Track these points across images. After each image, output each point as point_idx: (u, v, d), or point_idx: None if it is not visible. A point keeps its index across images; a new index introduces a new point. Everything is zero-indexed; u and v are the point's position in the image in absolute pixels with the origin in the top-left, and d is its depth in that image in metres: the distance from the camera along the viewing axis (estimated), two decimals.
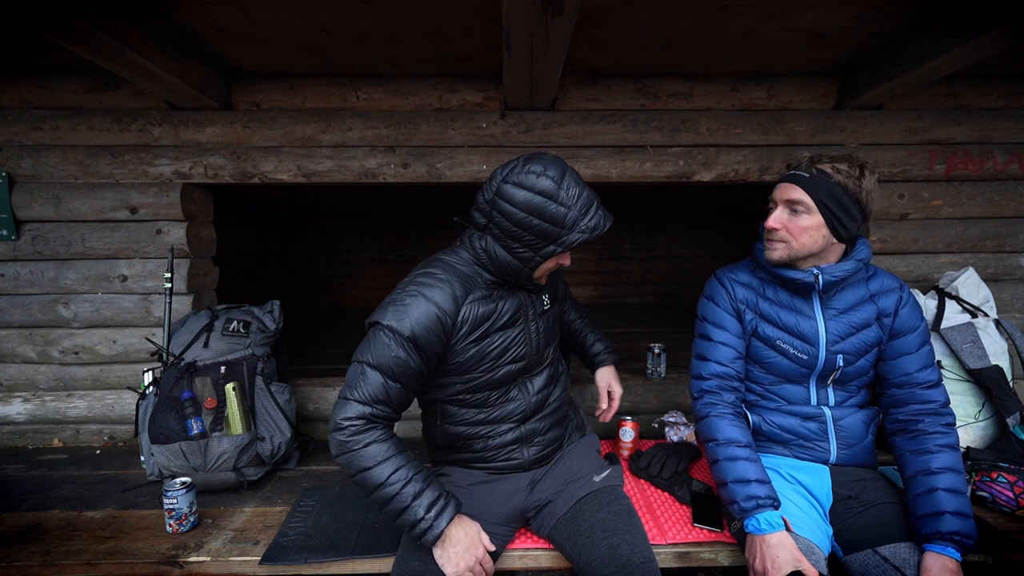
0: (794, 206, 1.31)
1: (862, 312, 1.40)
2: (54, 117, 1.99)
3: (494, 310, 1.29)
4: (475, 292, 1.26)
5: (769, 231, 1.35)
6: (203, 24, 1.58)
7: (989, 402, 1.80)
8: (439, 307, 1.19)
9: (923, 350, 1.39)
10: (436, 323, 1.19)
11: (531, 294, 1.38)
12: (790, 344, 1.41)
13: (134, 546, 1.39)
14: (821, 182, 1.28)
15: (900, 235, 2.12)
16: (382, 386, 1.16)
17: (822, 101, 2.08)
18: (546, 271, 1.30)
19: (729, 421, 1.38)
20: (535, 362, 1.41)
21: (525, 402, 1.40)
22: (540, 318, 1.40)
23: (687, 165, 2.09)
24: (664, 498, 1.63)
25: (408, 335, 1.16)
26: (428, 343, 1.18)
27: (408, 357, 1.17)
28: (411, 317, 1.16)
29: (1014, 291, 2.18)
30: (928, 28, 1.60)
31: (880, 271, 1.46)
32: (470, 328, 1.25)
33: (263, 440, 1.76)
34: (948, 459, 1.28)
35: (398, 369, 1.16)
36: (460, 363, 1.28)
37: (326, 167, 2.04)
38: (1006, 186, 2.11)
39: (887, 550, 1.22)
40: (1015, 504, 1.49)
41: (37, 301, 2.06)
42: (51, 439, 2.15)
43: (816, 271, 1.34)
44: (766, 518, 1.23)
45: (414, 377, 1.20)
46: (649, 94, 2.06)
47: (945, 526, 1.19)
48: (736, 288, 1.49)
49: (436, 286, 1.22)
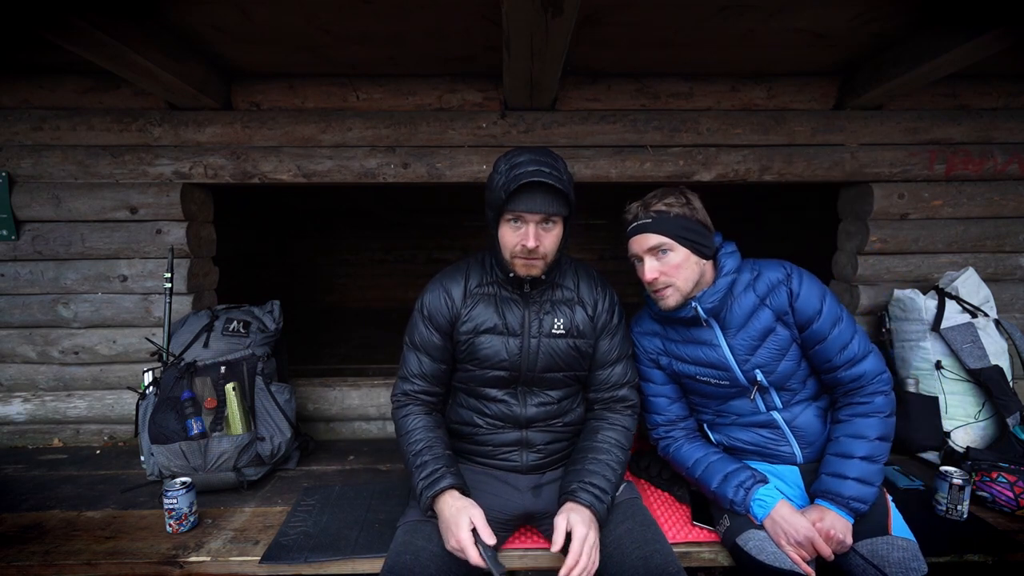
0: (658, 251, 1.32)
1: (759, 320, 1.37)
2: (54, 117, 1.99)
3: (494, 312, 1.37)
4: (485, 285, 1.40)
5: (650, 283, 1.35)
6: (203, 24, 1.58)
7: (989, 402, 1.80)
8: (446, 289, 1.40)
9: (836, 331, 1.33)
10: (442, 304, 1.39)
11: (540, 311, 1.37)
12: (708, 376, 1.44)
13: (134, 546, 1.39)
14: (665, 219, 1.31)
15: (900, 235, 2.12)
16: (416, 361, 1.41)
17: (822, 101, 2.08)
18: (515, 253, 1.27)
19: (688, 447, 1.48)
20: (529, 380, 1.39)
21: (521, 411, 1.41)
22: (546, 339, 1.37)
23: (687, 165, 2.09)
24: (664, 498, 1.63)
25: (425, 313, 1.40)
26: (438, 321, 1.39)
27: (429, 333, 1.40)
28: (427, 297, 1.42)
29: (1014, 291, 2.18)
30: (928, 28, 1.60)
31: (765, 267, 1.40)
32: (468, 318, 1.37)
33: (263, 440, 1.76)
34: (858, 426, 1.32)
35: (423, 343, 1.40)
36: (459, 351, 1.41)
37: (326, 167, 2.04)
38: (1006, 186, 2.11)
39: (864, 547, 1.23)
40: (1015, 504, 1.49)
41: (37, 301, 2.06)
42: (51, 439, 2.15)
43: (694, 303, 1.36)
44: (762, 495, 1.29)
45: (439, 350, 1.40)
46: (649, 94, 2.06)
47: (847, 490, 1.26)
48: (644, 340, 1.54)
49: (451, 272, 1.44)
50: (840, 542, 1.21)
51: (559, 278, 1.41)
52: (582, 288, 1.44)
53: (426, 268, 6.39)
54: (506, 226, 1.27)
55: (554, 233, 1.28)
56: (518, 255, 1.27)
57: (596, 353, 1.43)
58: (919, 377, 1.93)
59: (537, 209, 1.21)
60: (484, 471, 1.45)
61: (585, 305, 1.42)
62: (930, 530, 1.33)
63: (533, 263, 1.28)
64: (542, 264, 1.29)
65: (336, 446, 2.13)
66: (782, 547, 1.22)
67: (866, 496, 1.26)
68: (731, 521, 1.34)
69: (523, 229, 1.25)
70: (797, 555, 1.21)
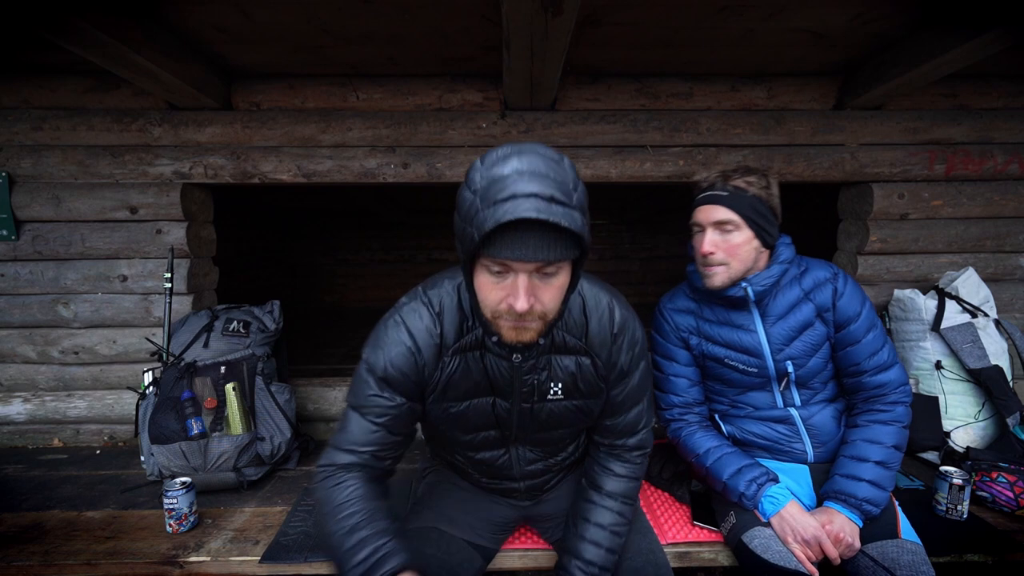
0: (724, 226, 1.31)
1: (800, 313, 1.39)
2: (54, 117, 1.98)
3: (477, 375, 1.05)
4: (466, 343, 1.03)
5: (705, 256, 1.33)
6: (203, 24, 1.58)
7: (989, 402, 1.80)
8: (414, 343, 1.01)
9: (870, 336, 1.36)
10: (408, 363, 1.01)
11: (534, 372, 1.05)
12: (737, 360, 1.43)
13: (134, 546, 1.39)
14: (741, 197, 1.29)
15: (900, 235, 2.12)
16: (365, 429, 1.03)
17: (822, 101, 2.08)
18: (498, 313, 0.90)
19: (701, 434, 1.46)
20: (522, 439, 1.18)
21: (516, 468, 1.22)
22: (539, 403, 1.09)
23: (687, 165, 2.09)
24: (664, 498, 1.63)
25: (380, 374, 1.02)
26: (401, 386, 1.03)
27: (387, 399, 1.03)
28: (383, 354, 1.02)
29: (1014, 291, 2.18)
30: (928, 28, 1.60)
31: (812, 264, 1.43)
32: (445, 386, 1.06)
33: (263, 440, 1.76)
34: (875, 432, 1.32)
35: (377, 411, 1.03)
36: (429, 415, 1.11)
37: (326, 167, 2.04)
38: (1006, 186, 2.11)
39: (874, 549, 1.22)
40: (1015, 504, 1.49)
41: (37, 301, 2.06)
42: (51, 439, 2.15)
43: (745, 284, 1.35)
44: (774, 492, 1.28)
45: (399, 421, 1.04)
46: (649, 94, 2.06)
47: (860, 491, 1.25)
48: (676, 317, 1.51)
49: (416, 318, 1.03)
50: (848, 545, 1.20)
51: (560, 325, 1.04)
52: (592, 332, 1.06)
53: (426, 268, 6.39)
54: (484, 274, 0.87)
55: (557, 284, 0.87)
56: (503, 316, 0.89)
57: (606, 403, 1.14)
58: (919, 377, 1.93)
59: (530, 257, 0.80)
60: (474, 489, 1.34)
61: (595, 355, 1.08)
62: (930, 530, 1.33)
63: (526, 327, 0.89)
64: (539, 326, 0.90)
65: None
66: (788, 544, 1.22)
67: (879, 500, 1.25)
68: (737, 518, 1.33)
69: (509, 280, 0.85)
70: (803, 554, 1.20)
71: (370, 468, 1.03)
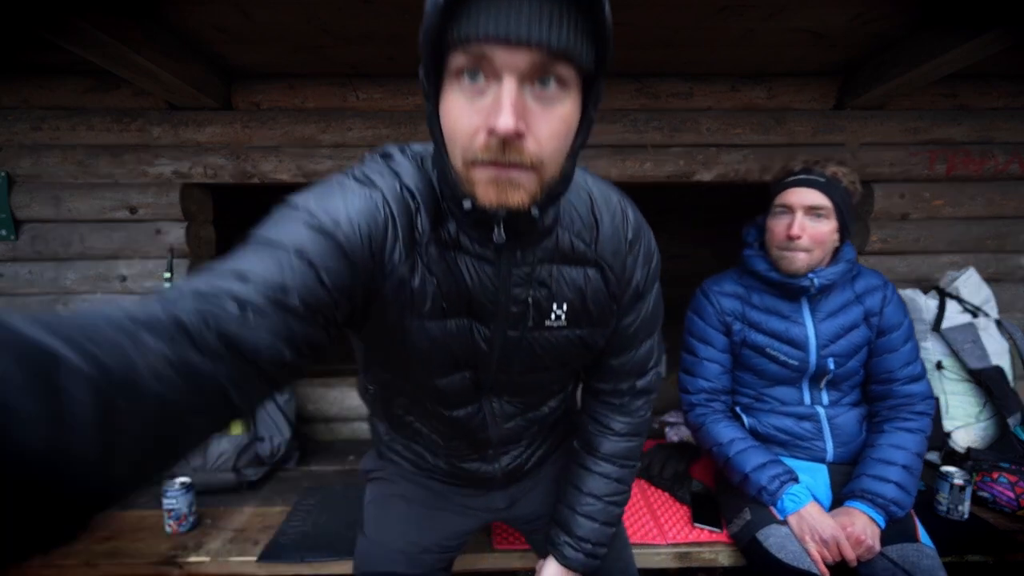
0: (817, 211, 1.30)
1: (850, 314, 1.40)
2: (54, 117, 1.98)
3: (452, 281, 0.74)
4: (443, 230, 0.72)
5: (791, 239, 1.32)
6: (203, 24, 1.58)
7: (990, 402, 1.80)
8: (391, 209, 0.68)
9: (907, 347, 1.39)
10: (378, 225, 0.66)
11: (528, 282, 0.76)
12: (779, 351, 1.42)
13: (133, 546, 1.39)
14: (836, 186, 1.30)
15: (901, 235, 2.11)
16: (267, 263, 0.56)
17: (822, 101, 2.08)
18: (471, 154, 0.58)
19: (725, 424, 1.43)
20: (497, 386, 0.89)
21: (492, 427, 0.95)
22: (536, 331, 0.81)
23: (687, 165, 2.08)
24: (664, 498, 1.63)
25: (328, 219, 0.62)
26: (351, 245, 0.63)
27: (323, 247, 0.61)
28: (340, 200, 0.65)
29: (1015, 291, 2.17)
30: (928, 28, 1.60)
31: (864, 270, 1.46)
32: (409, 285, 0.72)
33: (262, 440, 1.76)
34: (900, 438, 1.32)
35: (302, 249, 0.59)
36: (372, 332, 0.77)
37: (326, 167, 2.04)
38: (1007, 186, 2.11)
39: (894, 551, 1.21)
40: (1016, 504, 1.48)
41: (37, 301, 2.06)
42: None
43: (812, 276, 1.34)
44: (795, 491, 1.27)
45: (337, 275, 0.61)
46: (649, 94, 2.05)
47: (887, 492, 1.25)
48: (723, 300, 1.49)
49: (390, 183, 0.70)
50: (869, 548, 1.19)
51: (562, 214, 0.76)
52: (603, 236, 0.79)
53: None
54: (455, 94, 0.59)
55: (559, 113, 0.58)
56: (479, 158, 0.58)
57: (614, 334, 0.89)
58: None
59: (523, 34, 0.52)
60: (441, 488, 1.09)
61: (607, 267, 0.81)
62: (931, 531, 1.32)
63: (511, 178, 0.59)
64: (532, 182, 0.60)
65: (336, 446, 2.12)
66: (805, 543, 1.21)
67: (905, 503, 1.25)
68: (752, 515, 1.32)
69: (490, 97, 0.57)
70: (818, 554, 1.19)
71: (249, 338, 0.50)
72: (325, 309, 0.59)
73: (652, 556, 1.39)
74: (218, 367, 0.46)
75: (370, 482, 1.18)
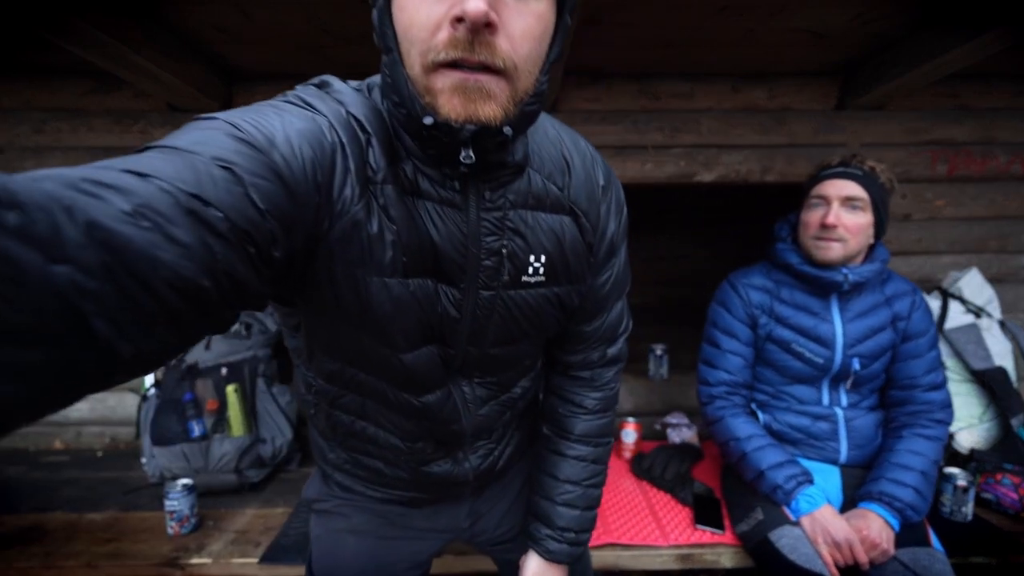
0: (853, 203, 1.30)
1: (878, 315, 1.40)
2: (55, 119, 1.99)
3: (412, 227, 0.62)
4: (401, 167, 0.62)
5: (827, 227, 1.31)
6: (204, 24, 1.58)
7: (993, 403, 1.79)
8: (340, 138, 0.57)
9: (931, 354, 1.39)
10: (325, 152, 0.55)
11: (500, 228, 0.66)
12: (805, 347, 1.41)
13: (135, 548, 1.39)
14: (873, 180, 1.31)
15: (903, 236, 2.11)
16: (176, 164, 0.42)
17: (823, 101, 2.08)
18: (431, 56, 0.51)
19: (744, 419, 1.42)
20: (469, 363, 0.78)
21: (466, 415, 0.82)
22: (512, 290, 0.71)
23: (688, 166, 2.08)
24: (666, 500, 1.62)
25: (260, 133, 0.50)
26: (291, 171, 0.50)
27: (255, 163, 0.48)
28: (279, 118, 0.53)
29: (1018, 292, 2.17)
30: (928, 28, 1.60)
31: (894, 275, 1.46)
32: (365, 229, 0.59)
33: (265, 442, 1.76)
34: (918, 445, 1.32)
35: (226, 157, 0.46)
36: (317, 289, 0.62)
37: None
38: (1009, 186, 2.10)
39: (906, 555, 1.20)
40: (1019, 506, 1.48)
41: None
42: (53, 441, 2.15)
43: (845, 271, 1.33)
44: (811, 492, 1.27)
45: (273, 200, 0.48)
46: (650, 94, 2.05)
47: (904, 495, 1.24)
48: (752, 293, 1.48)
49: (336, 111, 0.60)
50: (884, 551, 1.18)
51: (532, 154, 0.68)
52: (576, 180, 0.72)
53: None
54: None
55: (533, 10, 0.52)
56: (443, 52, 0.50)
57: (586, 297, 0.81)
58: None
59: None
60: (400, 509, 0.96)
61: (582, 214, 0.73)
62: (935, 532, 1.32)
63: (481, 85, 0.51)
64: (504, 91, 0.53)
65: None
66: (818, 545, 1.21)
67: (921, 508, 1.25)
68: (764, 515, 1.31)
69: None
70: (830, 557, 1.19)
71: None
72: (258, 237, 0.45)
73: (654, 558, 1.39)
74: (70, 272, 0.30)
75: (314, 513, 1.01)
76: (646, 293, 5.86)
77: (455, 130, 0.53)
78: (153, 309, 0.35)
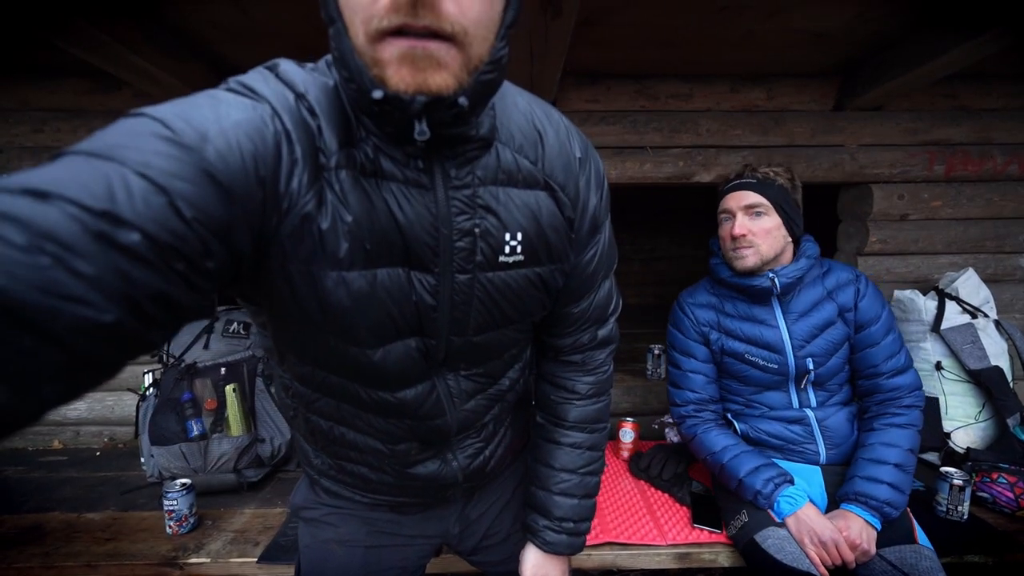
0: (754, 210, 1.34)
1: (823, 311, 1.40)
2: (55, 119, 1.98)
3: (371, 213, 0.59)
4: (359, 149, 0.58)
5: (736, 239, 1.36)
6: (202, 23, 1.58)
7: (989, 403, 1.80)
8: (285, 129, 0.53)
9: (888, 339, 1.39)
10: (268, 149, 0.51)
11: (471, 207, 0.63)
12: (759, 356, 1.43)
13: (134, 548, 1.39)
14: (769, 184, 1.35)
15: (900, 236, 2.12)
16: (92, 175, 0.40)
17: (822, 102, 2.08)
18: (374, 23, 0.46)
19: (716, 432, 1.45)
20: (451, 355, 0.74)
21: (450, 410, 0.79)
22: (490, 272, 0.68)
23: (687, 166, 2.09)
24: (664, 499, 1.63)
25: (189, 131, 0.47)
26: (230, 174, 0.47)
27: (183, 170, 0.45)
28: (214, 110, 0.49)
29: (1014, 292, 2.18)
30: (927, 28, 1.60)
31: (835, 265, 1.46)
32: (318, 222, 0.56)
33: (263, 442, 1.76)
34: (891, 435, 1.32)
35: (145, 167, 0.42)
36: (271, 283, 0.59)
37: None
38: (1006, 187, 2.11)
39: (892, 553, 1.21)
40: (1015, 505, 1.49)
41: None
42: (51, 441, 2.15)
43: (772, 274, 1.36)
44: (791, 493, 1.28)
45: (205, 209, 0.45)
46: (649, 95, 2.06)
47: (880, 494, 1.24)
48: (697, 312, 1.52)
49: (274, 98, 0.54)
50: (865, 551, 1.19)
51: (500, 128, 0.65)
52: (549, 152, 0.69)
53: None
54: None
55: None
56: (385, 19, 0.45)
57: (571, 275, 0.78)
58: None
59: None
60: (387, 516, 0.94)
61: (559, 188, 0.70)
62: (930, 531, 1.33)
63: (430, 52, 0.47)
64: (455, 59, 0.49)
65: None
66: (804, 546, 1.21)
67: (898, 503, 1.25)
68: (749, 517, 1.32)
69: None
70: (818, 557, 1.20)
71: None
72: (186, 250, 0.42)
73: (652, 557, 1.39)
74: None
75: (302, 522, 0.99)
76: (644, 293, 5.88)
77: (405, 102, 0.49)
78: (60, 360, 0.33)
